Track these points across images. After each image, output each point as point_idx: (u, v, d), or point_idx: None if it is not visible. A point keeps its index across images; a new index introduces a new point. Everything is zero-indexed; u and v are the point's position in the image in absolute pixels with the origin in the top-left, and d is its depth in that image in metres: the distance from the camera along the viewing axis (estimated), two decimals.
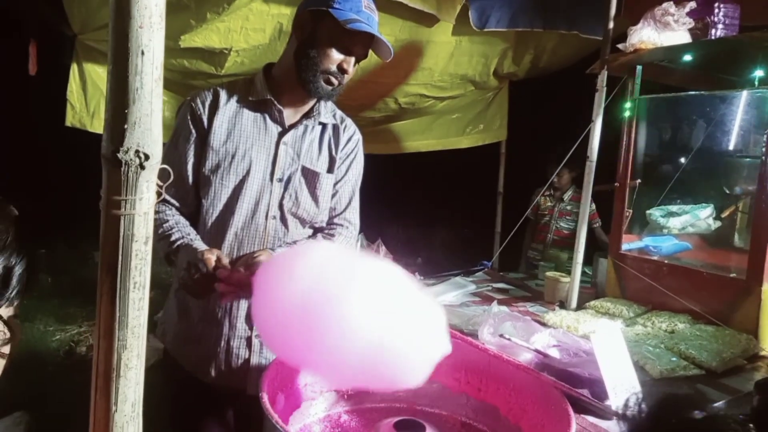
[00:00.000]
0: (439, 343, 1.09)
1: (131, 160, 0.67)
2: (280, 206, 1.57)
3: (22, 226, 0.73)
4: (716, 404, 1.57)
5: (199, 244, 1.46)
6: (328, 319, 1.01)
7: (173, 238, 1.47)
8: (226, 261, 1.34)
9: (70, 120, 2.91)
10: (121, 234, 0.70)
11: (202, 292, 1.35)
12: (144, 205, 0.70)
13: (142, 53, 0.65)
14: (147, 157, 0.67)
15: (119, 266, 0.71)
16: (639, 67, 2.39)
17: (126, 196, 0.68)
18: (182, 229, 1.50)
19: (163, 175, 0.73)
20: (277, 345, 1.17)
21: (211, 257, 1.32)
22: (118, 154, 0.66)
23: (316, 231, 1.66)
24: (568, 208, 4.04)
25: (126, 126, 0.66)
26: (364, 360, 1.02)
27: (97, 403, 0.77)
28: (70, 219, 5.24)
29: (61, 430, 2.81)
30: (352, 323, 1.01)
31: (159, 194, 0.72)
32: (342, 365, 1.05)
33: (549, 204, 4.11)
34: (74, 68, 2.82)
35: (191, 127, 1.55)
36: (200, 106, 1.55)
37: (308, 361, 1.11)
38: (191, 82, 2.96)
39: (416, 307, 1.08)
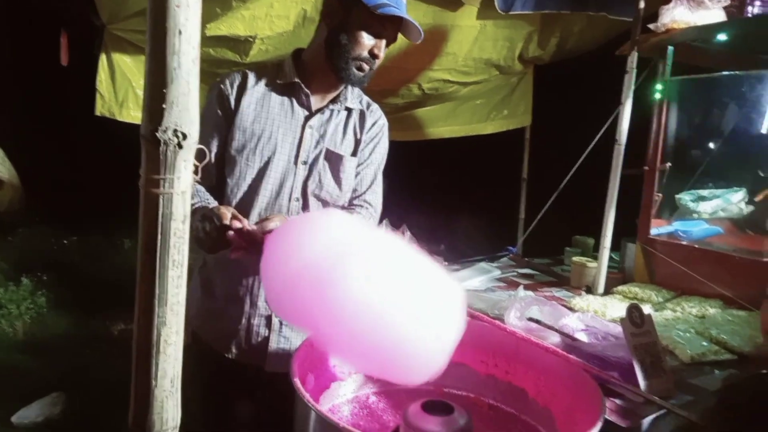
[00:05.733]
0: (454, 325, 1.04)
1: (169, 139, 0.68)
2: (304, 188, 1.60)
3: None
4: None
5: (215, 204, 1.49)
6: (333, 288, 0.98)
7: (191, 201, 1.49)
8: (240, 217, 1.34)
9: (99, 109, 2.95)
10: (160, 213, 0.72)
11: (215, 245, 1.34)
12: (182, 184, 0.71)
13: (180, 33, 0.66)
14: (185, 137, 0.69)
15: (158, 245, 0.73)
16: (670, 48, 2.33)
17: (164, 175, 0.70)
18: (201, 196, 1.53)
19: (199, 155, 0.74)
20: (280, 307, 1.17)
21: (226, 212, 1.32)
22: (157, 134, 0.67)
23: None
24: None
25: (164, 105, 0.67)
26: (371, 337, 0.98)
27: (137, 378, 0.79)
28: (102, 207, 5.36)
29: (96, 409, 2.90)
30: (357, 296, 0.98)
31: (195, 173, 0.74)
32: (347, 339, 1.02)
33: None
34: (103, 58, 2.86)
35: (218, 107, 1.58)
36: (228, 87, 1.58)
37: (310, 327, 1.12)
38: (217, 71, 2.98)
39: (429, 286, 1.05)
